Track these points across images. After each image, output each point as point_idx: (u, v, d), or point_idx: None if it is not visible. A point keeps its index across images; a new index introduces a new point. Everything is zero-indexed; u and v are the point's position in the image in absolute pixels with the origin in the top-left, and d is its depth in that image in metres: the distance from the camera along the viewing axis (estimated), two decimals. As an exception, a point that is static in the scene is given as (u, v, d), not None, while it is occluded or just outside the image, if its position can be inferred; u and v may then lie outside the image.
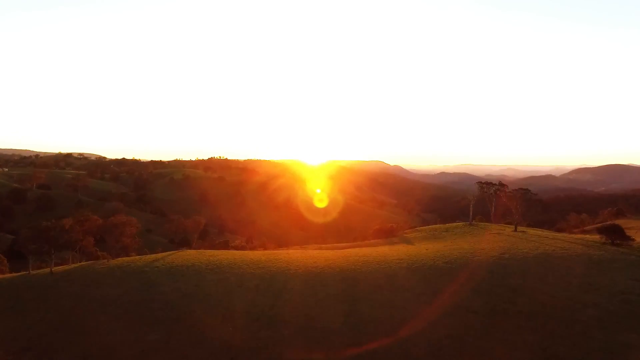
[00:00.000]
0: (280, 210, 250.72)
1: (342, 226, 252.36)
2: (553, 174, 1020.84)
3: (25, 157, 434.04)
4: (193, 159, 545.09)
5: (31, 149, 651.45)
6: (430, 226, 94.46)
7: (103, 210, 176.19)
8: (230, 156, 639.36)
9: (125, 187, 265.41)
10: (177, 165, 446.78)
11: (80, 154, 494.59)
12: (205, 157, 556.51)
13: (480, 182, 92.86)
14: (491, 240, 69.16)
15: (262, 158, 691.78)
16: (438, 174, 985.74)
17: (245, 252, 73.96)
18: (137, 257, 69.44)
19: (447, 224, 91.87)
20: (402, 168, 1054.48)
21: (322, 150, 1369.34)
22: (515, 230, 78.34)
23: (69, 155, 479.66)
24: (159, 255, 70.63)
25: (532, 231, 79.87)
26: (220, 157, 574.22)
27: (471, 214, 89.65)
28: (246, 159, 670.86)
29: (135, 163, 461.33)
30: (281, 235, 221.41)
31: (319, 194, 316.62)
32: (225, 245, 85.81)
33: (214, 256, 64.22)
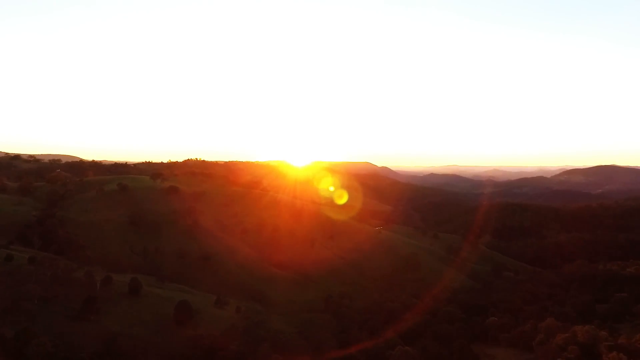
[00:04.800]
0: (250, 236, 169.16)
1: (336, 259, 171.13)
2: (540, 174, 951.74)
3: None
4: (165, 161, 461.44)
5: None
6: None
7: None
8: (213, 157, 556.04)
9: (39, 202, 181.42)
10: (141, 168, 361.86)
11: (31, 156, 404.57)
12: (181, 159, 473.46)
13: None
14: None
15: (246, 159, 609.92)
16: (427, 175, 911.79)
17: None
18: None
19: None
20: (390, 169, 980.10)
21: (308, 151, 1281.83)
22: None
23: (16, 157, 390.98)
24: None
25: None
26: (197, 158, 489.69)
27: None
28: (229, 160, 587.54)
29: (94, 166, 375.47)
30: (246, 278, 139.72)
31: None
32: None
33: None
